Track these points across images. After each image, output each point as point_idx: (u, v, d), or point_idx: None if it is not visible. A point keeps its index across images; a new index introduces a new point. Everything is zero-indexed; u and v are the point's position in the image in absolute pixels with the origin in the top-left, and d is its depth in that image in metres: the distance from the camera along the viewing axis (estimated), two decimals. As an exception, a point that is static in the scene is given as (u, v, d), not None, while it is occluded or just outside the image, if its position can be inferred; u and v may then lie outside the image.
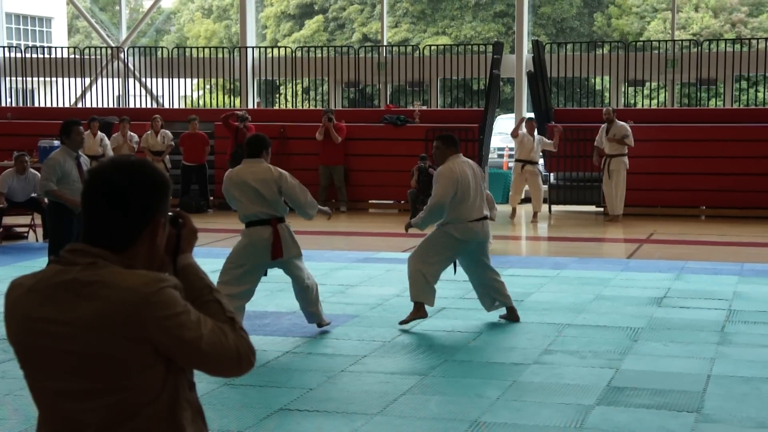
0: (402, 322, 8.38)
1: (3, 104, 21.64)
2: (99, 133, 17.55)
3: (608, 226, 15.84)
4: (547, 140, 16.49)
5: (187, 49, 21.89)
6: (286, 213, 8.04)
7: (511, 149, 19.95)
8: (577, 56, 19.34)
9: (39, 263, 11.07)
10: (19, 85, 22.74)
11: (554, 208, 17.69)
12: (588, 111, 18.66)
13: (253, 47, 21.02)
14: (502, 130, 21.63)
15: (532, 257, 12.92)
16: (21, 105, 22.42)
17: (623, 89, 19.84)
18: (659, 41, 21.52)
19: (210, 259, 11.31)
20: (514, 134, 16.59)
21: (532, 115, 18.13)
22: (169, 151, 17.71)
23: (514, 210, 16.67)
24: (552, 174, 17.87)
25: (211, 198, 18.20)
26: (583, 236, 14.90)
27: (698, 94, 20.11)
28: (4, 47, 22.12)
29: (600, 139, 16.03)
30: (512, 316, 8.57)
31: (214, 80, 23.46)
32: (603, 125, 16.00)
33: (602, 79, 23.56)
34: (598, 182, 17.07)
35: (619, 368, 7.06)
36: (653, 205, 17.17)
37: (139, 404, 2.39)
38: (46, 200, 13.77)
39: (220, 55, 21.25)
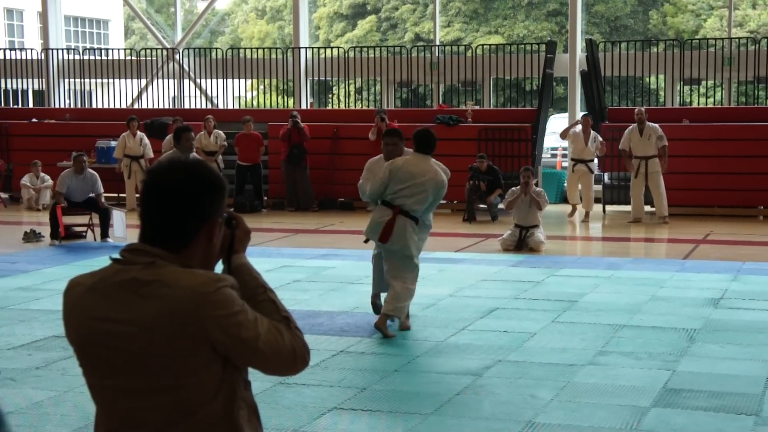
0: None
1: (62, 105, 21.97)
2: (138, 133, 17.74)
3: (660, 227, 15.63)
4: (601, 139, 16.41)
5: (241, 50, 22.05)
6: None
7: (564, 149, 19.86)
8: (631, 55, 19.15)
9: (97, 262, 11.22)
10: (77, 87, 23.07)
11: (608, 208, 17.54)
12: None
13: (306, 48, 21.10)
14: (556, 130, 21.48)
15: (586, 257, 12.83)
16: (79, 106, 22.74)
17: (678, 88, 19.60)
18: (715, 39, 21.23)
19: (263, 258, 11.40)
20: (562, 135, 16.64)
21: (585, 112, 18.00)
22: (222, 151, 17.86)
23: (573, 208, 16.54)
24: (606, 174, 17.71)
25: (265, 198, 18.31)
26: (638, 236, 14.75)
27: (755, 92, 19.78)
28: (62, 49, 22.46)
29: (627, 141, 15.73)
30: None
31: (267, 81, 23.59)
32: (631, 126, 15.76)
33: (657, 78, 23.29)
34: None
35: (676, 370, 6.98)
36: (710, 205, 16.94)
37: (196, 403, 2.42)
38: (103, 200, 14.03)
39: (273, 56, 21.38)
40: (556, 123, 22.79)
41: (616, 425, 5.79)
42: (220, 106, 21.46)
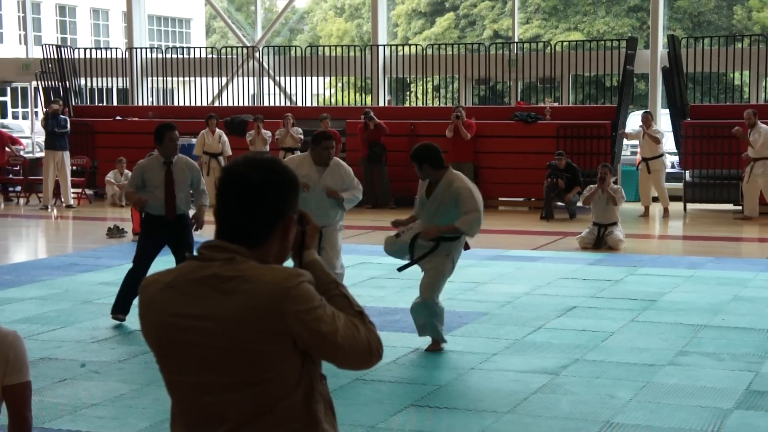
0: None
1: (145, 103, 22.37)
2: (217, 130, 17.93)
3: (746, 224, 15.34)
4: (657, 131, 16.33)
5: (320, 48, 22.18)
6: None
7: (633, 147, 19.68)
8: (714, 51, 18.79)
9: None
10: (160, 85, 23.46)
11: (689, 206, 17.25)
12: (726, 107, 18.11)
13: (384, 45, 21.15)
14: (636, 127, 21.20)
15: (666, 256, 12.63)
16: (161, 104, 23.12)
17: (764, 84, 19.17)
18: (803, 34, 20.68)
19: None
20: (623, 136, 16.67)
21: (667, 111, 17.73)
22: (300, 148, 18.00)
23: (646, 209, 16.35)
24: (687, 171, 17.42)
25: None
26: (720, 235, 14.47)
27: (844, 88, 19.27)
28: (146, 48, 22.86)
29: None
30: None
31: (345, 78, 23.70)
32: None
33: (741, 74, 22.83)
34: (736, 180, 16.60)
35: (759, 372, 6.84)
36: (795, 203, 16.54)
37: (277, 397, 2.45)
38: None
39: (351, 54, 21.47)
40: (637, 120, 22.48)
41: (697, 427, 5.70)
42: (299, 104, 21.63)
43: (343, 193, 8.08)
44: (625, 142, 18.81)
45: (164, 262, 11.22)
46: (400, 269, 7.73)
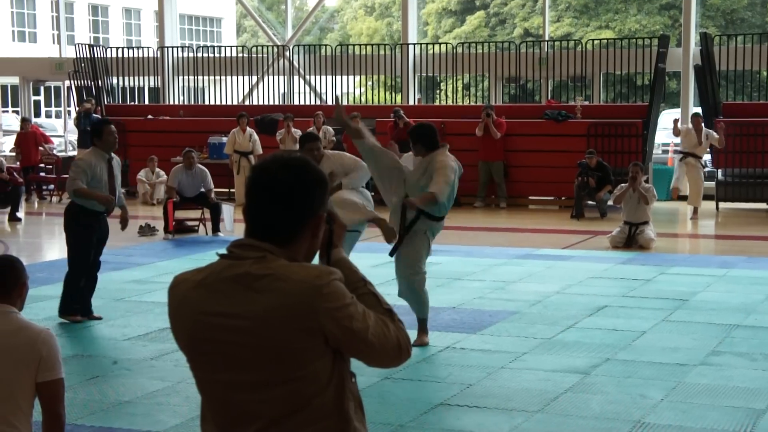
0: None
1: (176, 102, 22.47)
2: (248, 129, 17.97)
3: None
4: (714, 134, 16.01)
5: (350, 47, 22.20)
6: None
7: (676, 144, 19.44)
8: (747, 48, 18.62)
9: (209, 256, 11.47)
10: (191, 84, 23.57)
11: (722, 205, 17.11)
12: (759, 105, 17.94)
13: (414, 44, 21.13)
14: (667, 126, 21.05)
15: (698, 255, 12.54)
16: (192, 103, 23.23)
17: (798, 82, 19.00)
18: (838, 31, 20.46)
19: (369, 254, 11.48)
20: (675, 133, 16.20)
21: (698, 110, 17.58)
22: (331, 146, 18.01)
23: (695, 210, 15.78)
24: (719, 170, 17.28)
25: (372, 193, 18.41)
26: (753, 234, 14.35)
27: None
28: (177, 47, 22.98)
29: None
30: None
31: (375, 77, 23.71)
32: None
33: (775, 72, 22.61)
34: (768, 179, 16.45)
35: (792, 372, 6.78)
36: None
37: (309, 394, 2.45)
38: (213, 196, 14.30)
39: (381, 52, 21.47)
40: (668, 119, 22.33)
41: (730, 428, 5.65)
42: (329, 103, 21.66)
43: (343, 179, 8.22)
44: (660, 140, 18.68)
45: (198, 260, 11.29)
46: (391, 254, 7.79)
